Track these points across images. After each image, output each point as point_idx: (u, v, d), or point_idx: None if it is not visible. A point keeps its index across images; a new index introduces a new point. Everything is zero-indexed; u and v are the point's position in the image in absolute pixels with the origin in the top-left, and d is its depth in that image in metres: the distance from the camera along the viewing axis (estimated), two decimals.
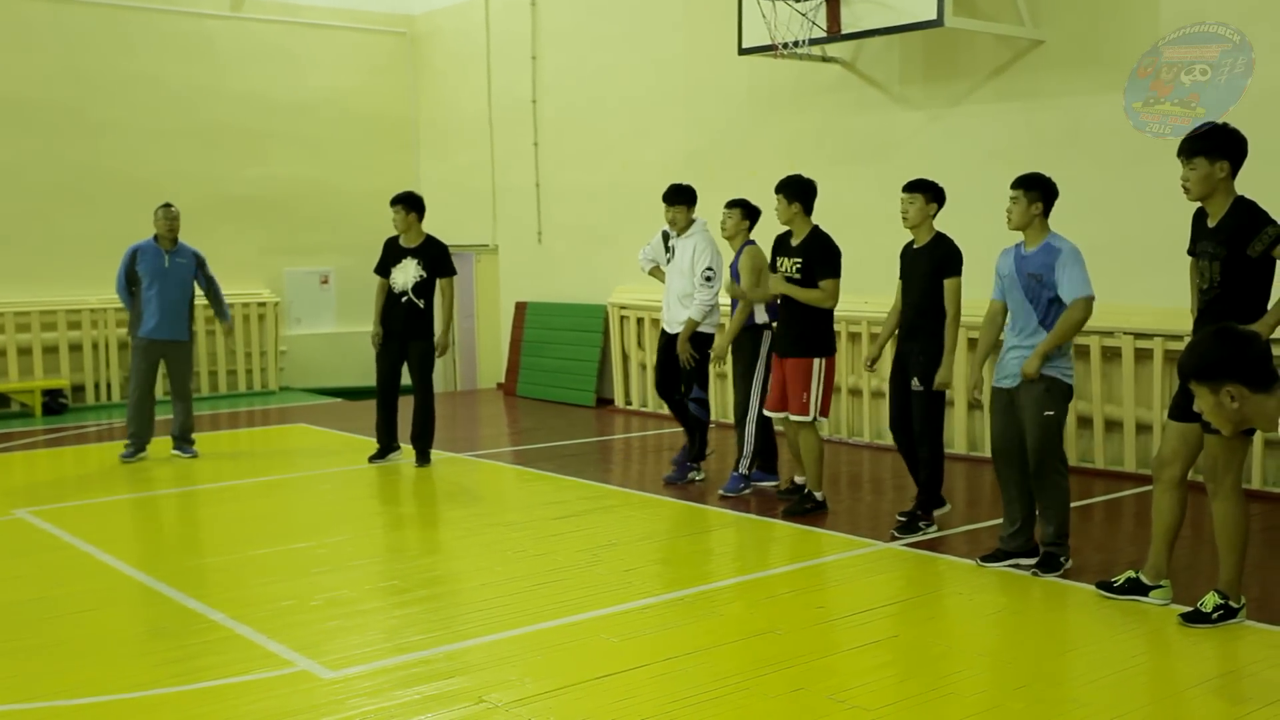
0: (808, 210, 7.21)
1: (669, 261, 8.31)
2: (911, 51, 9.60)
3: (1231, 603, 5.17)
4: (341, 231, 14.31)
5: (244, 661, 4.93)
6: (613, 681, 4.64)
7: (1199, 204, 5.33)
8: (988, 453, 8.89)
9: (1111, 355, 8.33)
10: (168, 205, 9.42)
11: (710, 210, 8.35)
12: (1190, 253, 5.41)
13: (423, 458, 9.07)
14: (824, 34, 9.05)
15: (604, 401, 12.23)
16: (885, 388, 9.54)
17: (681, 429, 8.45)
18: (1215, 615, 5.13)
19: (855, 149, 9.99)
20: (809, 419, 7.20)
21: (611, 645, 5.10)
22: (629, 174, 11.92)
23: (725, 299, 8.12)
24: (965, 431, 9.13)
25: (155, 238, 9.38)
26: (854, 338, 9.87)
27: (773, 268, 7.36)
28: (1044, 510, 6.00)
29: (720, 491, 7.79)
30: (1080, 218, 8.54)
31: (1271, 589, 5.80)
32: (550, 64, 13.00)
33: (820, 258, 7.10)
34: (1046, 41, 8.75)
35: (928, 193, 6.70)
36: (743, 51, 9.75)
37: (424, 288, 8.89)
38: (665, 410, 11.40)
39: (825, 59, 9.98)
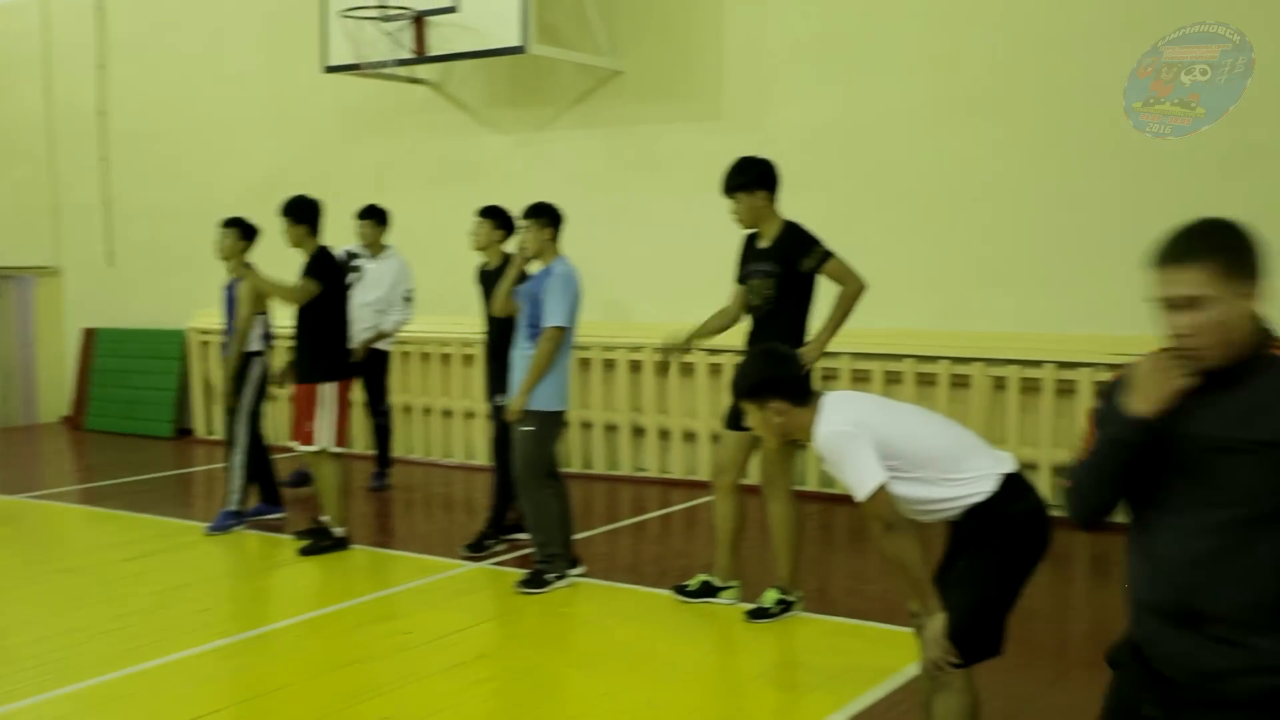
0: (314, 230, 6.96)
1: (358, 281, 8.29)
2: (498, 76, 9.76)
3: (789, 596, 5.58)
4: None
5: None
6: None
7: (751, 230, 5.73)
8: (599, 469, 9.18)
9: (687, 370, 8.80)
10: None
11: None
12: (739, 280, 5.76)
13: None
14: (411, 55, 9.02)
15: (184, 432, 11.53)
16: (475, 408, 9.65)
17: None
18: (776, 609, 5.52)
19: (444, 171, 10.01)
20: (315, 449, 6.85)
21: (185, 691, 4.79)
22: (209, 193, 11.33)
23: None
24: (580, 450, 9.32)
25: None
26: (445, 359, 9.86)
27: None
28: (530, 527, 6.15)
29: (204, 529, 7.47)
30: (655, 240, 9.02)
31: (827, 582, 6.32)
32: (120, 74, 12.13)
33: (310, 266, 6.87)
34: (625, 72, 9.16)
35: (497, 218, 6.83)
36: (328, 69, 9.54)
37: None
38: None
39: (413, 80, 9.95)
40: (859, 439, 3.45)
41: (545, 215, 6.19)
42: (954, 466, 3.50)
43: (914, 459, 3.48)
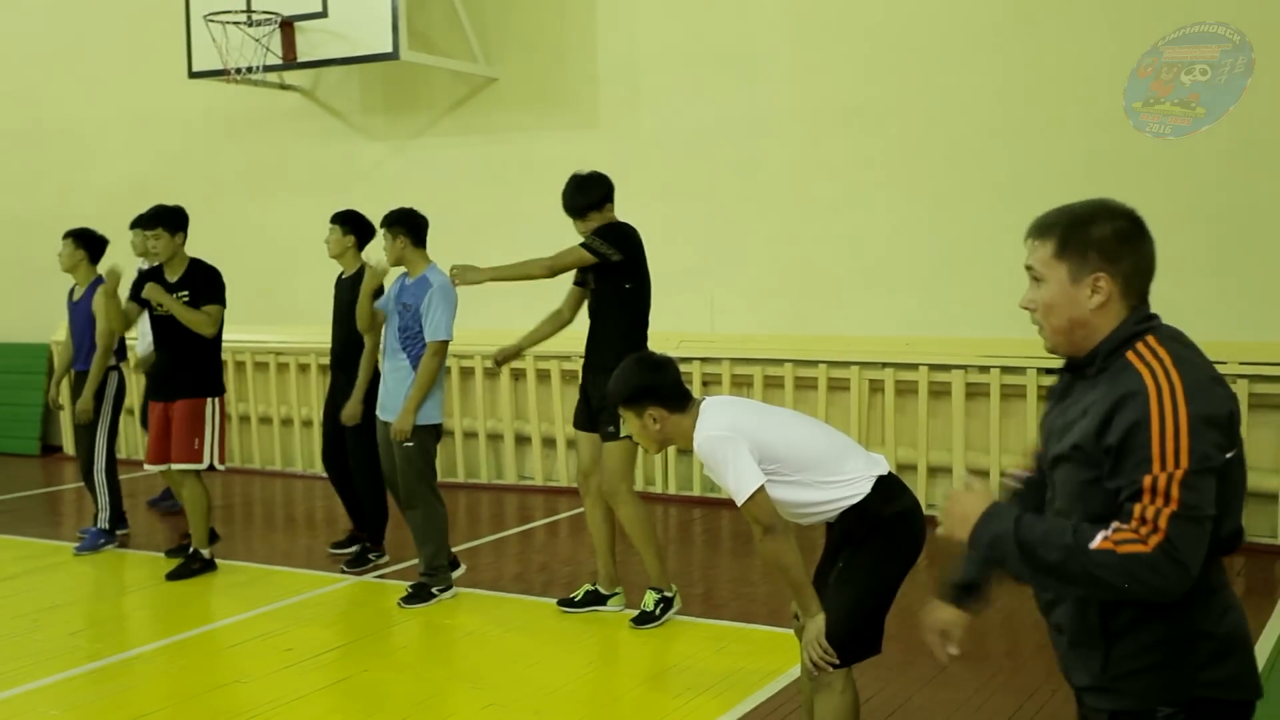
0: (184, 241, 6.74)
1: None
2: (371, 83, 9.63)
3: (665, 593, 5.60)
4: None
5: None
6: None
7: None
8: (484, 479, 9.11)
9: (571, 378, 8.79)
10: None
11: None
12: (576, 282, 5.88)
13: None
14: (279, 61, 8.85)
15: (51, 449, 11.12)
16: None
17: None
18: (658, 611, 5.54)
19: (318, 178, 9.83)
20: (202, 466, 6.60)
21: (54, 717, 4.63)
22: (69, 201, 10.92)
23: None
24: (464, 460, 9.23)
25: None
26: (325, 370, 9.68)
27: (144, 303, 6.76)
28: (419, 541, 6.09)
29: (74, 550, 7.26)
30: (534, 247, 8.87)
31: (713, 585, 6.37)
32: None
33: (206, 286, 6.61)
34: (500, 79, 9.12)
35: (347, 224, 6.74)
36: (193, 75, 9.30)
37: None
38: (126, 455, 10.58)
39: (283, 86, 9.76)
40: (737, 443, 3.49)
41: (401, 223, 6.03)
42: (830, 469, 3.57)
43: (791, 462, 3.54)
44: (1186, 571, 2.08)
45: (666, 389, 3.67)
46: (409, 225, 6.04)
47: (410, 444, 5.89)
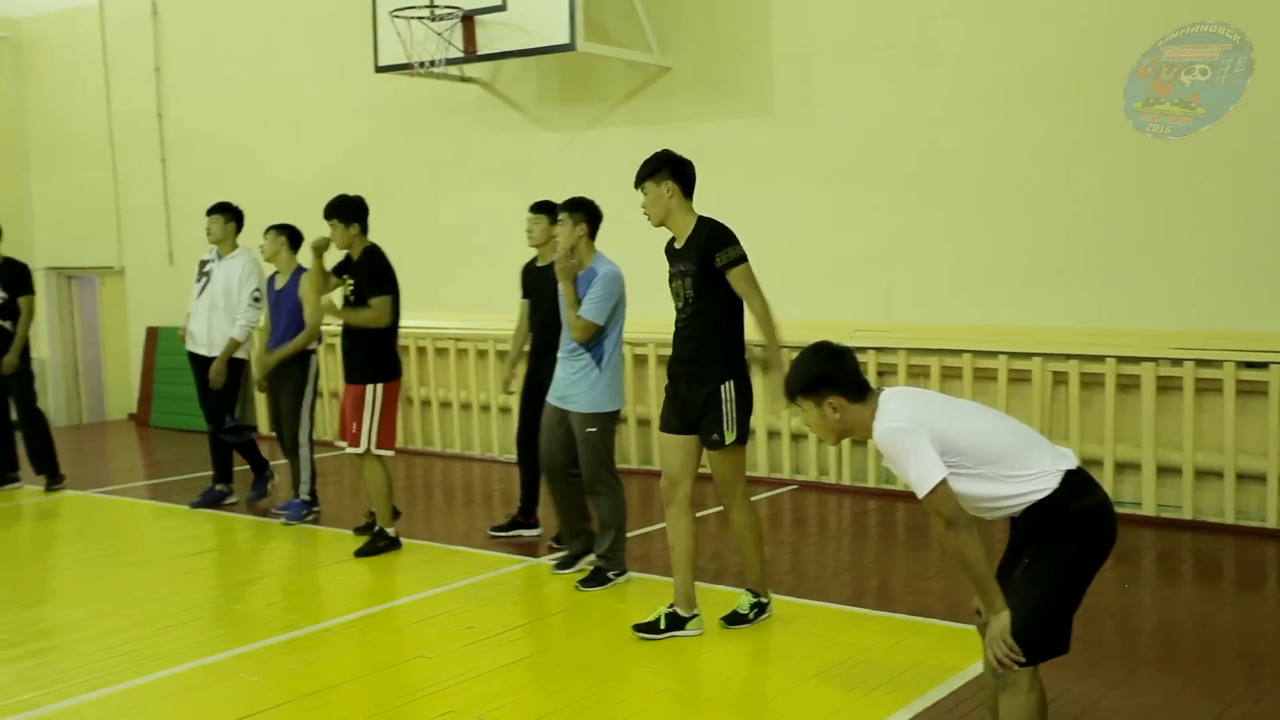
0: (364, 229, 6.88)
1: (204, 285, 8.15)
2: (548, 74, 9.80)
3: (762, 599, 5.51)
4: None
5: None
6: None
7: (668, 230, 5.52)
8: (655, 465, 9.21)
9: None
10: None
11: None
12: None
13: (54, 479, 8.97)
14: (460, 54, 9.08)
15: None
16: (512, 405, 9.65)
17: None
18: (752, 614, 5.44)
19: (495, 169, 10.07)
20: (360, 450, 6.81)
21: (252, 684, 4.88)
22: (266, 192, 11.46)
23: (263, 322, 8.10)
24: (640, 447, 9.35)
25: None
26: (502, 357, 9.92)
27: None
28: (603, 525, 6.16)
29: (284, 520, 7.67)
30: None
31: (888, 578, 6.28)
32: (175, 76, 12.32)
33: (369, 276, 6.77)
34: (674, 69, 9.16)
35: (551, 214, 6.73)
36: (379, 69, 9.63)
37: (8, 310, 8.70)
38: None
39: (464, 79, 10.02)
40: (918, 435, 3.43)
41: (584, 210, 6.06)
42: (1016, 463, 3.48)
43: (975, 455, 3.46)
44: None
45: (846, 377, 3.62)
46: (590, 214, 6.10)
47: (594, 430, 5.97)
